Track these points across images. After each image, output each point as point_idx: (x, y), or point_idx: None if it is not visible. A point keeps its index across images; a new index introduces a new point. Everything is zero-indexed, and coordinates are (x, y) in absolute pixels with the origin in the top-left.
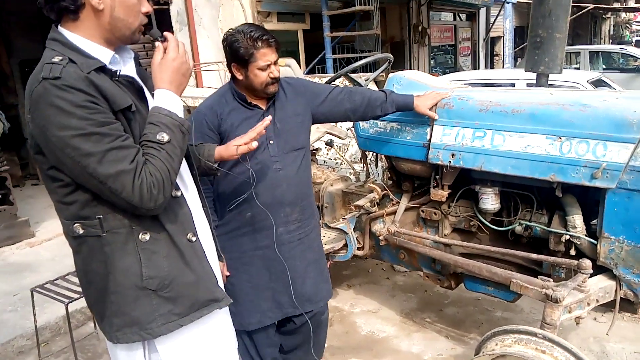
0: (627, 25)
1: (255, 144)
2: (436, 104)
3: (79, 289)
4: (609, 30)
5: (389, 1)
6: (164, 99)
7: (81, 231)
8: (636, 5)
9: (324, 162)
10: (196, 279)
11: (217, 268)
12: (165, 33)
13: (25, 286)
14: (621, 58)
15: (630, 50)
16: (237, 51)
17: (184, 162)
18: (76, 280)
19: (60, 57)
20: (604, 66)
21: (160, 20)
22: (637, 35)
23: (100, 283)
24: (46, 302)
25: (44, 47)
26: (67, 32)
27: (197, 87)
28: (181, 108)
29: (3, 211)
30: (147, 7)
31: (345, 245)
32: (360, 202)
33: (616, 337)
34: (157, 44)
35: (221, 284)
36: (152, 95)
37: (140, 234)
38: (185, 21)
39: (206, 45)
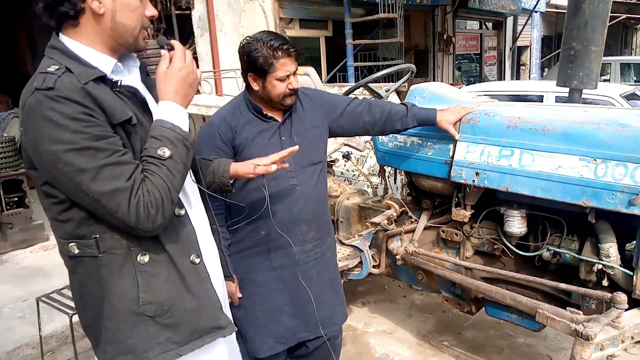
0: None
1: (274, 168)
2: (460, 119)
3: None
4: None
5: (413, 9)
6: (168, 111)
7: (76, 251)
8: None
9: (341, 173)
10: (198, 305)
11: (223, 292)
12: (172, 41)
13: (36, 292)
14: None
15: None
16: (255, 60)
17: (190, 176)
18: None
19: (57, 66)
20: (635, 78)
21: (182, 26)
22: None
23: (96, 307)
24: (54, 310)
25: None
26: (68, 40)
27: (217, 94)
28: (186, 121)
29: (18, 214)
30: (151, 11)
31: (360, 262)
32: (377, 219)
33: None
34: (163, 52)
35: (227, 310)
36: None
37: (139, 256)
38: (207, 27)
39: (227, 51)
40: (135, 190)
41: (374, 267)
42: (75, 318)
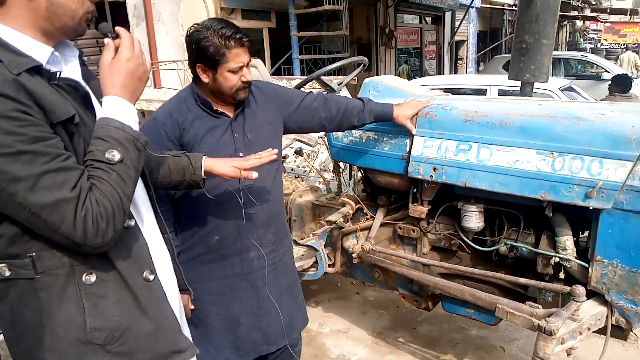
0: (585, 33)
1: (255, 175)
2: (417, 114)
3: None
4: (566, 38)
5: (356, 2)
6: (115, 108)
7: (8, 273)
8: (592, 14)
9: (292, 169)
10: (155, 328)
11: (180, 309)
12: (117, 28)
13: None
14: (579, 65)
15: (591, 57)
16: (205, 50)
17: (139, 181)
18: None
19: None
20: (565, 72)
21: (116, 15)
22: (591, 43)
23: (33, 337)
24: None
25: None
26: None
27: (155, 87)
28: (136, 119)
29: None
30: None
31: (316, 262)
32: (332, 218)
33: None
34: (107, 40)
35: (185, 329)
36: (101, 102)
37: (84, 275)
38: (143, 16)
39: (165, 42)
40: (82, 201)
41: (329, 266)
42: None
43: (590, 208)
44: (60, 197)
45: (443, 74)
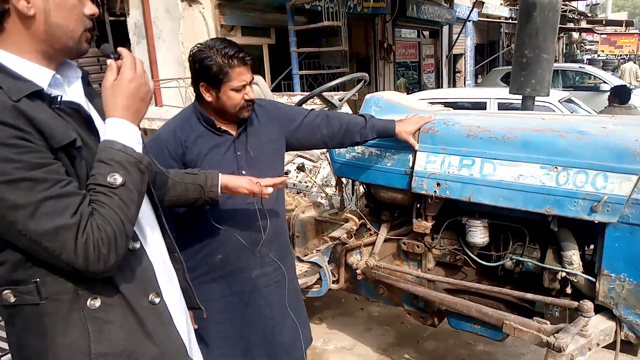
0: (582, 44)
1: (270, 190)
2: (419, 129)
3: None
4: (563, 49)
5: (354, 17)
6: (118, 130)
7: (13, 299)
8: (588, 26)
9: (294, 185)
10: (160, 353)
11: (188, 330)
12: (120, 49)
13: None
14: (577, 76)
15: (589, 69)
16: (208, 69)
17: (145, 201)
18: None
19: None
20: (562, 84)
21: (117, 33)
22: (588, 54)
23: None
24: None
25: None
26: None
27: (156, 105)
28: (139, 140)
29: None
30: (91, 9)
31: (320, 279)
32: (336, 234)
33: None
34: (109, 61)
35: (195, 350)
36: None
37: (89, 300)
38: (144, 34)
39: (166, 59)
40: (82, 227)
41: (333, 282)
42: None
43: (596, 222)
44: (60, 224)
45: (442, 87)
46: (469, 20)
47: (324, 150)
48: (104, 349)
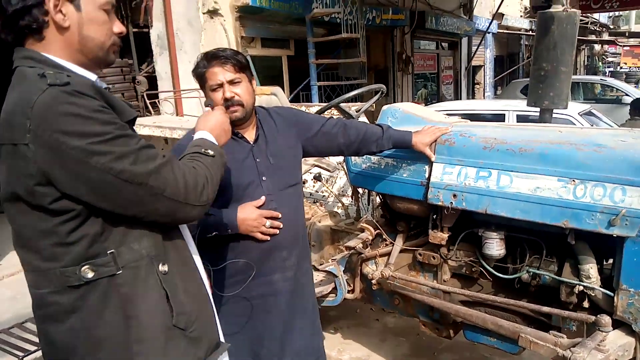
0: (604, 57)
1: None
2: (435, 140)
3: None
4: (584, 61)
5: (373, 29)
6: (207, 136)
7: (91, 274)
8: (611, 38)
9: (310, 194)
10: (213, 316)
11: None
12: (215, 106)
13: None
14: (599, 89)
15: (610, 81)
16: (195, 74)
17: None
18: (35, 328)
19: (52, 70)
20: (583, 96)
21: (140, 45)
22: (610, 66)
23: (118, 337)
24: None
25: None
26: (38, 53)
27: (177, 115)
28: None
29: None
30: (119, 27)
31: (335, 288)
32: (351, 243)
33: None
34: (207, 108)
35: None
36: None
37: (160, 265)
38: (166, 45)
39: (187, 70)
40: (176, 163)
41: (348, 292)
42: None
43: (614, 236)
44: (158, 162)
45: (460, 98)
46: (489, 32)
47: (341, 160)
48: (180, 308)
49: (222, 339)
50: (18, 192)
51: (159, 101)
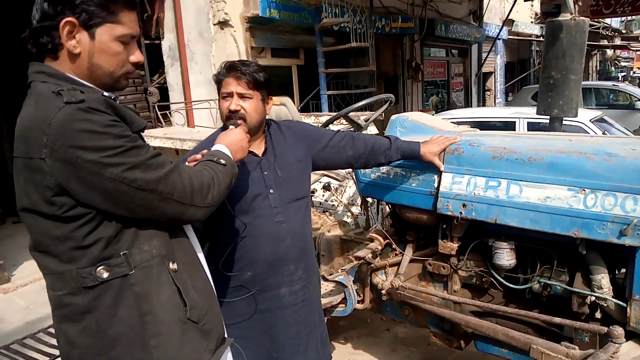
0: (616, 62)
1: None
2: (444, 150)
3: (53, 351)
4: (596, 67)
5: (382, 37)
6: (224, 149)
7: (106, 275)
8: (623, 43)
9: (320, 204)
10: (219, 311)
11: None
12: (239, 122)
13: None
14: (610, 94)
15: (622, 87)
16: (214, 80)
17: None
18: (49, 339)
19: (66, 87)
20: (596, 102)
21: (151, 56)
22: (623, 71)
23: (133, 333)
24: None
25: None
26: (50, 67)
27: (188, 126)
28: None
29: None
30: (137, 57)
31: (344, 298)
32: (361, 253)
33: None
34: (230, 127)
35: None
36: None
37: (170, 263)
38: (177, 56)
39: (198, 81)
40: (182, 168)
41: (358, 302)
42: None
43: (626, 245)
44: (167, 169)
45: (471, 105)
46: (499, 39)
47: (350, 169)
48: (192, 302)
49: (226, 334)
50: (35, 202)
51: (170, 112)
